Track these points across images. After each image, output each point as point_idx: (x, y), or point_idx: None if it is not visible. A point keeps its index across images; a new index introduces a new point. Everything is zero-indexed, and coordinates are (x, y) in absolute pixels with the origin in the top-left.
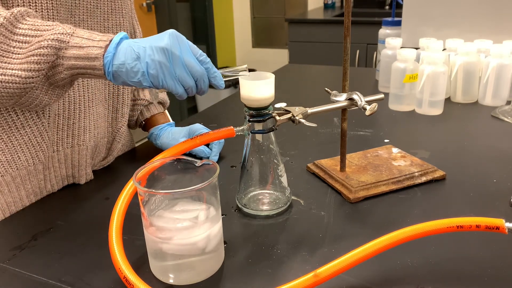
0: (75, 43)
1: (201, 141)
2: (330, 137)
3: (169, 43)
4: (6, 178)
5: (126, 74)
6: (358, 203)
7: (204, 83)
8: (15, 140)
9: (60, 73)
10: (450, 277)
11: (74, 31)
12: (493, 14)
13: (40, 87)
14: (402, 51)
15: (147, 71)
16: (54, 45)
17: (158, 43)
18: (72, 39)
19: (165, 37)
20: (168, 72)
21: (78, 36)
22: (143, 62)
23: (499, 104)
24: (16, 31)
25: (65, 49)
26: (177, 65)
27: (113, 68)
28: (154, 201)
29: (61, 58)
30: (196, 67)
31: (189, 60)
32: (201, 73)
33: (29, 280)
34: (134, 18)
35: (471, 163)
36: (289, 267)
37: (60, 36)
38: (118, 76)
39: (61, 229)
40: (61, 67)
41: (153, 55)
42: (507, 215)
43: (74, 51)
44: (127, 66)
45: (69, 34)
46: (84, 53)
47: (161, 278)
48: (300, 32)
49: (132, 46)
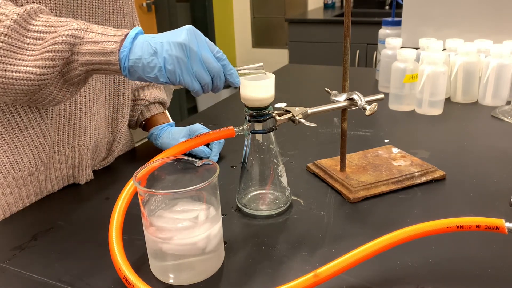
0: (89, 38)
1: (201, 141)
2: (330, 137)
3: (187, 38)
4: (9, 179)
5: (142, 69)
6: (358, 203)
7: (221, 80)
8: (18, 141)
9: (75, 69)
10: (450, 277)
11: (88, 26)
12: (493, 14)
13: (54, 84)
14: (402, 51)
15: (164, 66)
16: (69, 41)
17: (176, 38)
18: (86, 34)
19: (183, 33)
20: (186, 68)
21: (93, 32)
22: (161, 57)
23: (499, 104)
24: (30, 27)
25: (80, 45)
26: (195, 61)
27: (129, 63)
28: (154, 201)
29: (76, 54)
30: (214, 63)
31: (206, 56)
32: (218, 70)
33: (29, 280)
34: (135, 18)
35: (471, 163)
36: (289, 267)
37: (75, 32)
38: (134, 71)
39: (61, 229)
40: (76, 63)
41: (170, 50)
42: (507, 215)
43: (89, 47)
44: (143, 61)
45: (83, 30)
46: (99, 48)
47: (161, 278)
48: (300, 32)
49: (149, 41)
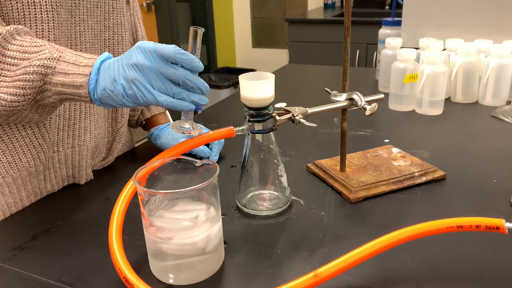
0: (61, 69)
1: (201, 141)
2: (330, 137)
3: (137, 57)
4: (7, 179)
5: (110, 99)
6: (358, 203)
7: (192, 81)
8: (16, 141)
9: (49, 97)
10: (450, 277)
11: (61, 54)
12: (493, 14)
13: (29, 109)
14: (402, 51)
15: (125, 93)
16: (40, 71)
17: (128, 60)
18: (58, 64)
19: (133, 52)
20: (145, 88)
21: (65, 61)
22: (119, 84)
23: (499, 104)
24: (6, 52)
25: (52, 75)
26: (152, 76)
27: (98, 95)
28: (154, 201)
29: (48, 84)
30: (171, 69)
31: (161, 66)
32: (181, 74)
33: (29, 280)
34: (136, 17)
35: (471, 163)
36: (289, 267)
37: (46, 62)
38: (104, 101)
39: (61, 229)
40: (49, 92)
41: (125, 74)
42: (507, 215)
43: (60, 78)
44: (108, 91)
45: (55, 59)
46: (69, 81)
47: (161, 278)
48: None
49: (109, 69)
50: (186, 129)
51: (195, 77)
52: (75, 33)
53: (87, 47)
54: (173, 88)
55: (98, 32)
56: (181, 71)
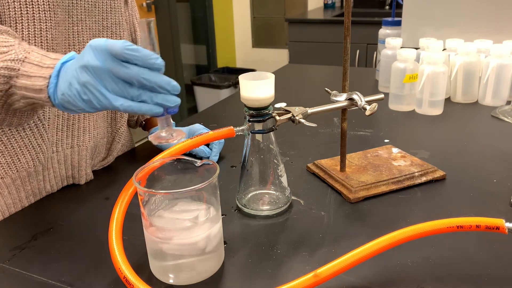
0: (24, 71)
1: (201, 141)
2: (330, 137)
3: (88, 58)
4: (6, 180)
5: (70, 104)
6: (358, 203)
7: (150, 80)
8: (15, 142)
9: (18, 101)
10: (450, 277)
11: (27, 55)
12: (493, 14)
13: (4, 113)
14: (402, 51)
15: (81, 98)
16: (3, 74)
17: (80, 61)
18: (23, 66)
19: (85, 52)
20: (99, 92)
21: (29, 62)
22: (74, 89)
23: (499, 104)
24: None
25: (16, 77)
26: (105, 79)
27: (59, 100)
28: (154, 201)
29: (14, 87)
30: (123, 69)
31: (113, 67)
32: (133, 73)
33: (29, 280)
34: (135, 17)
35: (471, 163)
36: (289, 267)
37: (10, 64)
38: (67, 107)
39: (61, 229)
40: (16, 95)
41: (78, 77)
42: (507, 215)
43: (23, 81)
44: (67, 96)
45: (20, 61)
46: (31, 84)
47: (161, 278)
48: (300, 32)
49: (67, 72)
50: (164, 138)
51: (154, 75)
52: (73, 33)
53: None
54: (130, 90)
55: (96, 32)
56: (134, 69)
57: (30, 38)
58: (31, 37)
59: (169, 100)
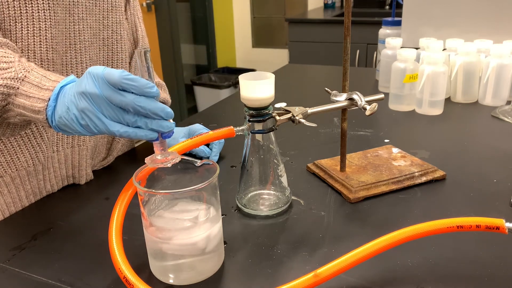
0: (24, 91)
1: (201, 141)
2: (330, 137)
3: (86, 85)
4: (6, 179)
5: (67, 127)
6: (358, 203)
7: (144, 108)
8: (14, 141)
9: (14, 117)
10: (450, 277)
11: (26, 74)
12: (493, 14)
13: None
14: (402, 51)
15: (79, 123)
16: (2, 91)
17: (78, 88)
18: (22, 85)
19: (83, 79)
20: (97, 118)
21: (29, 82)
22: (72, 114)
23: (499, 104)
24: None
25: (15, 96)
26: (103, 105)
27: (56, 122)
28: (154, 201)
29: (12, 104)
30: (119, 97)
31: (110, 94)
32: (129, 100)
33: (29, 280)
34: (137, 16)
35: (471, 163)
36: (289, 267)
37: (9, 82)
38: (63, 129)
39: (61, 229)
40: (13, 112)
41: (76, 103)
42: (507, 215)
43: (22, 100)
44: (64, 120)
45: (19, 79)
46: (29, 104)
47: (161, 278)
48: (300, 32)
49: (65, 96)
50: (159, 161)
51: (148, 102)
52: (73, 31)
53: (86, 46)
54: (126, 116)
55: (97, 31)
56: (130, 97)
57: (29, 37)
58: (30, 36)
59: (163, 126)
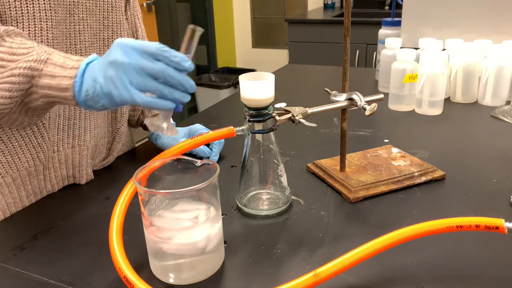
0: (48, 71)
1: (201, 141)
2: (330, 137)
3: (116, 54)
4: (7, 179)
5: (93, 101)
6: (358, 203)
7: (174, 78)
8: (16, 141)
9: (37, 100)
10: (450, 277)
11: (49, 56)
12: (493, 14)
13: (18, 112)
14: (401, 51)
15: (103, 92)
16: (26, 73)
17: (107, 58)
18: (45, 66)
19: (112, 50)
20: (123, 85)
21: (52, 63)
22: (98, 84)
23: (499, 104)
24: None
25: (39, 77)
26: (130, 73)
27: (83, 98)
28: (154, 201)
29: (35, 86)
30: (150, 64)
31: (140, 62)
32: (160, 68)
33: (29, 280)
34: (137, 16)
35: (471, 163)
36: (289, 267)
37: (33, 64)
38: (90, 104)
39: (61, 229)
40: (36, 94)
41: (104, 72)
42: (507, 215)
43: (47, 80)
44: (90, 93)
45: (43, 61)
46: (56, 83)
47: (161, 278)
48: (300, 32)
49: (93, 70)
50: (161, 129)
51: (178, 73)
52: (74, 32)
53: (86, 46)
54: (153, 83)
55: (97, 31)
56: (161, 65)
57: (30, 38)
58: (31, 36)
59: (185, 97)
